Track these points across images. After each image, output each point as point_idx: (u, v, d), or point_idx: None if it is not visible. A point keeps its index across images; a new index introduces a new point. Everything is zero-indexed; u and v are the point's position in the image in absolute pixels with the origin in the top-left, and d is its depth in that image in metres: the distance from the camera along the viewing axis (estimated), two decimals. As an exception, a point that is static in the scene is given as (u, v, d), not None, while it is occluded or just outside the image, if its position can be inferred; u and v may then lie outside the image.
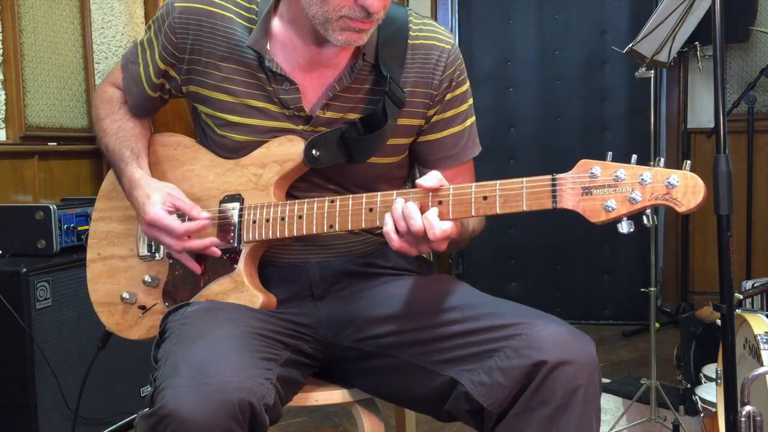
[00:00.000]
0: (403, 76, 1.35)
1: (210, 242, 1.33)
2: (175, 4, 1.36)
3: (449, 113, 1.41)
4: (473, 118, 1.46)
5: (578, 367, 1.14)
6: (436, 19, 4.15)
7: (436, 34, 1.39)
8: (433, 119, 1.40)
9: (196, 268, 1.36)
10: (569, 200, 1.11)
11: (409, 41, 1.36)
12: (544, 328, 1.17)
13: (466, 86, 1.42)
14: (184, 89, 1.41)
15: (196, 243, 1.33)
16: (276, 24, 1.35)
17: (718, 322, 1.47)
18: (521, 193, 1.14)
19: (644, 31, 2.31)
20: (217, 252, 1.34)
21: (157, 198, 1.33)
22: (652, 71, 2.42)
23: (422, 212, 1.17)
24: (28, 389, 2.14)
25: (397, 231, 1.19)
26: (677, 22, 2.33)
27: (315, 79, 1.35)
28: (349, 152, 1.33)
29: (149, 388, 1.13)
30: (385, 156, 1.38)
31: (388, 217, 1.20)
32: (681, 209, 1.06)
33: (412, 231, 1.17)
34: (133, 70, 1.45)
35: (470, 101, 1.44)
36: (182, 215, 1.35)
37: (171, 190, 1.36)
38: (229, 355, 1.13)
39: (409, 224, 1.17)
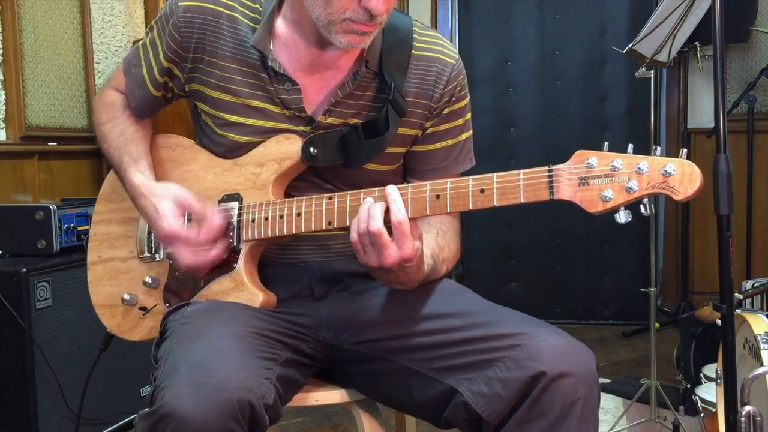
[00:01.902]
0: (405, 85, 1.35)
1: (218, 253, 1.32)
2: (179, 4, 1.36)
3: (444, 126, 1.41)
4: (469, 133, 1.45)
5: (577, 379, 1.13)
6: (436, 19, 4.16)
7: (441, 47, 1.39)
8: (428, 131, 1.40)
9: (216, 260, 1.34)
10: (566, 191, 1.11)
11: (413, 51, 1.36)
12: (544, 340, 1.16)
13: (466, 101, 1.42)
14: (186, 88, 1.41)
15: (207, 257, 1.31)
16: (279, 24, 1.35)
17: (718, 322, 1.47)
18: (518, 185, 1.14)
19: (644, 31, 2.31)
20: (224, 255, 1.34)
21: (166, 209, 1.32)
22: (652, 71, 2.42)
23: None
24: (28, 389, 2.14)
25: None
26: (677, 22, 2.33)
27: (317, 81, 1.35)
28: (348, 155, 1.34)
29: (149, 388, 1.13)
30: (382, 163, 1.38)
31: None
32: (678, 197, 1.06)
33: (370, 230, 1.17)
34: (136, 73, 1.45)
35: (468, 116, 1.44)
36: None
37: (177, 193, 1.34)
38: (229, 355, 1.13)
39: (368, 224, 1.17)
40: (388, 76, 1.33)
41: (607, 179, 1.09)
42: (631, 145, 1.11)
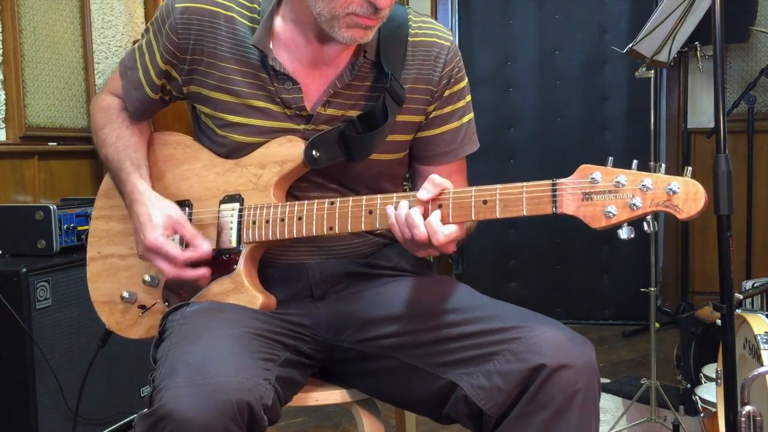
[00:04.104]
0: (403, 73, 1.36)
1: (202, 273, 1.33)
2: (176, 5, 1.36)
3: (447, 109, 1.41)
4: (471, 115, 1.46)
5: (577, 371, 1.13)
6: (436, 19, 4.15)
7: (435, 31, 1.40)
8: (432, 115, 1.40)
9: (202, 279, 1.35)
10: (569, 205, 1.11)
11: (409, 38, 1.37)
12: (543, 332, 1.17)
13: (464, 83, 1.43)
14: (185, 90, 1.41)
15: (189, 273, 1.32)
16: (278, 23, 1.35)
17: (718, 322, 1.47)
18: (521, 198, 1.13)
19: (644, 31, 2.31)
20: (206, 283, 1.34)
21: (158, 221, 1.32)
22: (652, 71, 2.42)
23: (425, 216, 1.17)
24: (28, 389, 2.14)
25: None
26: (677, 22, 2.33)
27: (317, 78, 1.35)
28: (349, 150, 1.33)
29: (148, 388, 1.13)
30: (386, 153, 1.38)
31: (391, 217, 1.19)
32: (682, 216, 1.06)
33: (416, 239, 1.17)
34: (132, 76, 1.45)
35: (468, 98, 1.44)
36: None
37: (173, 212, 1.34)
38: (227, 356, 1.13)
39: (413, 233, 1.17)
40: (386, 65, 1.33)
41: (610, 195, 1.08)
42: (635, 161, 1.10)
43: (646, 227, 1.09)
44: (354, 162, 1.35)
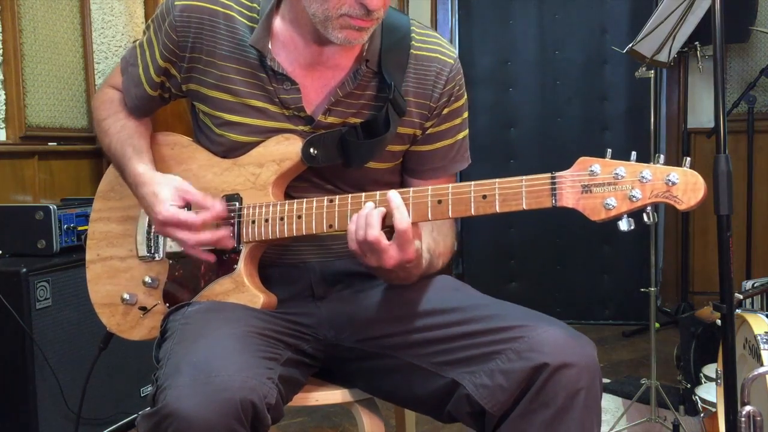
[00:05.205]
0: (404, 84, 1.36)
1: (223, 234, 1.32)
2: (176, 3, 1.36)
3: (444, 126, 1.41)
4: (466, 132, 1.46)
5: (579, 370, 1.14)
6: (436, 20, 4.16)
7: (439, 47, 1.39)
8: (429, 131, 1.40)
9: (211, 257, 1.34)
10: (569, 198, 1.11)
11: (411, 51, 1.36)
12: (545, 331, 1.17)
13: (463, 100, 1.43)
14: (183, 87, 1.41)
15: (208, 237, 1.31)
16: (277, 23, 1.35)
17: (718, 322, 1.47)
18: (520, 192, 1.14)
19: (644, 31, 2.31)
20: (231, 243, 1.33)
21: (165, 194, 1.32)
22: (652, 71, 2.42)
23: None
24: (28, 389, 2.14)
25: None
26: (677, 22, 2.33)
27: (316, 80, 1.35)
28: (347, 155, 1.34)
29: (150, 388, 1.13)
30: (382, 161, 1.39)
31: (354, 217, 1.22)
32: (681, 207, 1.06)
33: (367, 239, 1.19)
34: (133, 72, 1.45)
35: (465, 114, 1.44)
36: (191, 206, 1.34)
37: (177, 183, 1.34)
38: (230, 355, 1.13)
39: (366, 233, 1.19)
40: (388, 75, 1.33)
41: (610, 187, 1.08)
42: (634, 153, 1.10)
43: (646, 218, 1.09)
44: (350, 168, 1.35)
